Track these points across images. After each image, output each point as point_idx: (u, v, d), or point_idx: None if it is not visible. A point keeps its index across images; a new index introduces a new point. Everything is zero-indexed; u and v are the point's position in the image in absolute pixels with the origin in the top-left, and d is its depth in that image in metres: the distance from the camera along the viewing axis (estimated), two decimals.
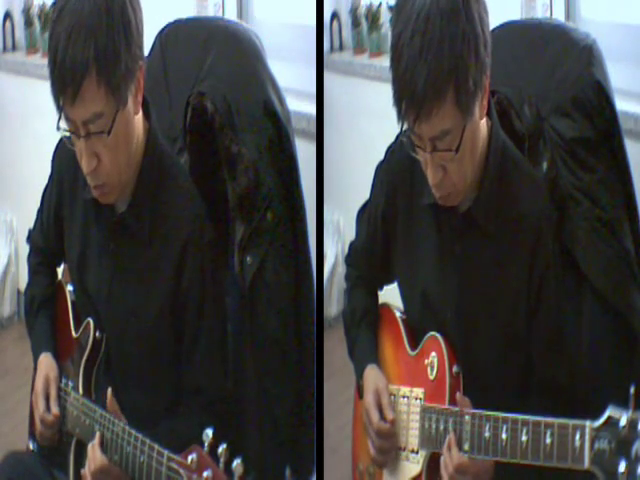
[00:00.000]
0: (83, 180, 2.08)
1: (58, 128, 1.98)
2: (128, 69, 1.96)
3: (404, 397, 2.09)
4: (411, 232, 2.11)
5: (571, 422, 1.72)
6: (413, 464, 2.05)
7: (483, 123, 1.96)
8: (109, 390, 2.00)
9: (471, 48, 1.83)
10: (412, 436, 2.06)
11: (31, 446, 2.29)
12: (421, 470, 2.03)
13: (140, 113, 2.07)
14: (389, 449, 2.09)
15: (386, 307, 2.24)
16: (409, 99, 1.84)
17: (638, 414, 1.63)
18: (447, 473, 1.92)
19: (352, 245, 2.31)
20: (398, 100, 1.86)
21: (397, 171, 2.12)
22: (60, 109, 1.95)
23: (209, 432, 1.71)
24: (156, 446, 1.83)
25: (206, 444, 1.71)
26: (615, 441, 1.65)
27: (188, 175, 2.18)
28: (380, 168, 2.18)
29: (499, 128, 2.02)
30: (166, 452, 1.80)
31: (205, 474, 1.70)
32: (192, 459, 1.72)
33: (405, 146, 1.94)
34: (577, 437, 1.70)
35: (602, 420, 1.67)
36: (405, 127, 1.90)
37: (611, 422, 1.66)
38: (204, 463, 1.71)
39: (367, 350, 2.19)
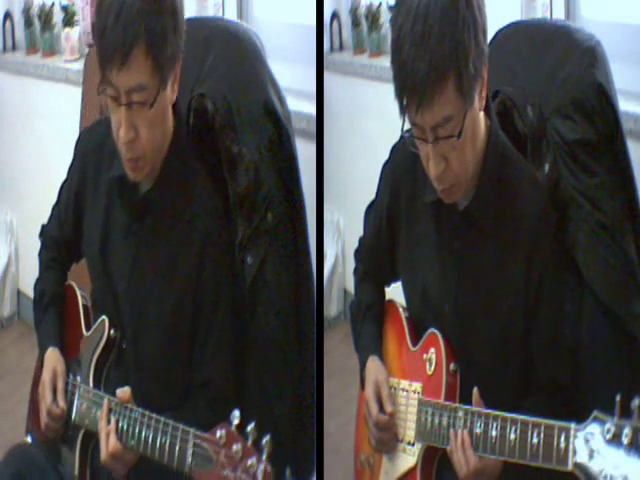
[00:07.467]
0: (109, 158, 2.11)
1: (100, 92, 1.99)
2: (173, 54, 2.00)
3: (403, 390, 2.11)
4: (413, 230, 2.11)
5: (557, 424, 1.75)
6: (409, 456, 2.07)
7: (482, 119, 1.97)
8: (118, 390, 2.01)
9: (471, 34, 1.85)
10: (409, 429, 2.07)
11: (29, 442, 2.29)
12: (416, 462, 2.05)
13: None
14: (388, 440, 2.10)
15: (392, 304, 2.25)
16: (411, 87, 1.84)
17: (623, 422, 1.64)
18: (462, 473, 1.93)
19: (361, 240, 2.32)
20: (400, 90, 1.87)
21: (400, 170, 2.12)
22: (104, 74, 1.96)
23: (236, 413, 1.74)
24: (181, 426, 1.86)
25: (234, 424, 1.73)
26: None
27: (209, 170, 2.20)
28: (385, 167, 2.19)
29: (498, 127, 2.02)
30: (192, 430, 1.82)
31: (234, 448, 1.72)
32: (221, 434, 1.74)
33: (407, 143, 1.94)
34: (562, 439, 1.72)
35: (587, 424, 1.68)
36: (406, 124, 1.89)
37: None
38: (233, 438, 1.73)
39: (370, 342, 2.20)
